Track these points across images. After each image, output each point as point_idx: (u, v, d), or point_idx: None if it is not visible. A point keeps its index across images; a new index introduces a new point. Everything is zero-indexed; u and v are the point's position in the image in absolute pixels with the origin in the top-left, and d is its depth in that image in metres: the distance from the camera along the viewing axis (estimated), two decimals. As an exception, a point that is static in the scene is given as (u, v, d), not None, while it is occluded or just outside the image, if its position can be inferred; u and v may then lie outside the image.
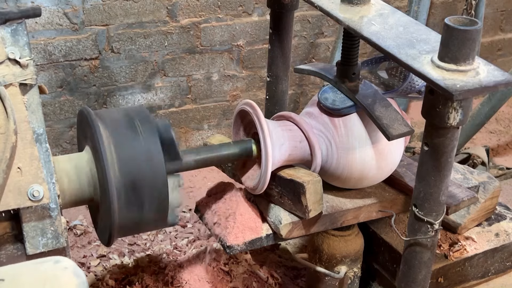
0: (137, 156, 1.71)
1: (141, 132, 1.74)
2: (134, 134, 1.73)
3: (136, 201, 1.71)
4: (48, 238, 1.63)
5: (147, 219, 1.76)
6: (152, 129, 1.75)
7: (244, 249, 2.04)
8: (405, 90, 2.04)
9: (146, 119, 1.77)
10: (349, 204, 2.09)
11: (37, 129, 1.62)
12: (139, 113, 1.80)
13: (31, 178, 1.54)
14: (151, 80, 3.35)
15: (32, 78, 1.61)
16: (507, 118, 4.15)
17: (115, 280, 2.64)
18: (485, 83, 1.56)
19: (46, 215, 1.60)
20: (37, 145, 1.60)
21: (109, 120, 1.75)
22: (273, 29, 2.32)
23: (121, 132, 1.72)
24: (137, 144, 1.71)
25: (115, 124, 1.74)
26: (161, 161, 1.73)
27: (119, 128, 1.73)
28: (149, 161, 1.71)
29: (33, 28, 2.99)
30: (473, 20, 1.60)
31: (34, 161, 1.55)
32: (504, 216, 2.50)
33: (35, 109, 1.62)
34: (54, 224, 1.62)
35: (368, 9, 1.93)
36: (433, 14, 3.91)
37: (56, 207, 1.62)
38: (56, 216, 1.62)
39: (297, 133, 2.01)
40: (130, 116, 1.78)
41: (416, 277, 1.89)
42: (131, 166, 1.69)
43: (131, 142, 1.71)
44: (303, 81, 3.75)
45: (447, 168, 1.72)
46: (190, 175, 3.42)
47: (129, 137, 1.72)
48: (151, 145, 1.73)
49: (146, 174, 1.70)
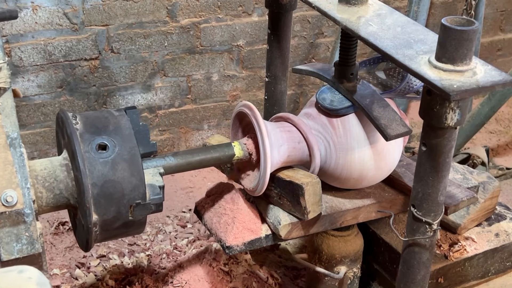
0: (114, 159, 1.69)
1: (116, 134, 1.73)
2: (110, 137, 1.72)
3: (113, 206, 1.69)
4: (23, 244, 1.59)
5: (126, 223, 1.74)
6: (127, 130, 1.74)
7: (244, 249, 2.04)
8: (403, 90, 2.04)
9: (120, 122, 1.76)
10: (348, 205, 2.09)
11: (11, 133, 1.60)
12: (115, 116, 1.79)
13: (5, 183, 1.51)
14: (151, 80, 3.35)
15: (5, 81, 1.58)
16: (507, 118, 4.15)
17: (115, 280, 2.65)
18: (482, 84, 1.56)
19: (20, 220, 1.56)
20: (11, 149, 1.58)
21: (87, 123, 1.74)
22: (272, 29, 2.32)
23: (97, 136, 1.71)
24: (113, 147, 1.70)
25: (92, 127, 1.73)
26: (138, 162, 1.72)
27: (96, 132, 1.72)
28: (125, 163, 1.70)
29: (33, 28, 2.99)
30: (470, 20, 1.60)
31: (8, 166, 1.53)
32: (504, 216, 2.50)
33: (9, 112, 1.60)
34: (29, 230, 1.58)
35: (366, 10, 1.93)
36: (433, 14, 3.90)
37: (31, 212, 1.58)
38: (31, 222, 1.58)
39: (295, 134, 2.01)
40: (107, 118, 1.77)
41: (415, 277, 1.89)
42: (108, 170, 1.68)
43: (107, 146, 1.70)
44: (303, 82, 3.74)
45: (445, 168, 1.71)
46: (190, 175, 3.42)
47: (105, 141, 1.70)
48: (127, 146, 1.72)
49: (123, 177, 1.69)
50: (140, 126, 1.81)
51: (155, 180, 1.78)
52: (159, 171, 1.83)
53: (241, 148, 1.98)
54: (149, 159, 1.86)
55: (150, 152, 1.84)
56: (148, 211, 1.75)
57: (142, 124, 1.82)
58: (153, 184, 1.76)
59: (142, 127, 1.82)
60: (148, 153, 1.83)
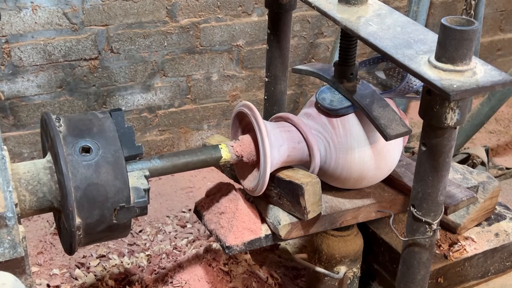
0: (98, 162, 1.68)
1: (100, 136, 1.71)
2: (94, 139, 1.70)
3: (97, 209, 1.67)
4: (5, 247, 1.56)
5: (111, 227, 1.72)
6: (111, 132, 1.73)
7: (243, 249, 2.04)
8: (403, 90, 2.04)
9: (104, 124, 1.75)
10: (348, 205, 2.09)
11: None
12: (99, 118, 1.77)
13: None
14: (150, 80, 3.35)
15: None
16: (507, 118, 4.15)
17: (115, 280, 2.65)
18: (482, 83, 1.56)
19: (2, 224, 1.54)
20: None
21: (71, 126, 1.72)
22: (271, 29, 2.32)
23: (81, 139, 1.69)
24: (97, 149, 1.69)
25: (76, 130, 1.71)
26: (122, 165, 1.70)
27: (79, 134, 1.70)
28: (109, 166, 1.68)
29: (33, 28, 2.99)
30: (470, 20, 1.60)
31: None
32: (504, 216, 2.50)
33: None
34: (12, 234, 1.56)
35: (366, 10, 1.93)
36: (432, 14, 3.90)
37: (13, 216, 1.55)
38: (14, 225, 1.56)
39: (295, 134, 2.01)
40: (91, 120, 1.76)
41: (415, 277, 1.89)
42: (91, 173, 1.66)
43: (90, 149, 1.68)
44: (303, 81, 3.74)
45: (445, 168, 1.71)
46: (190, 175, 3.42)
47: (88, 143, 1.69)
48: (111, 148, 1.70)
49: (107, 180, 1.67)
50: (126, 128, 1.80)
51: (140, 183, 1.76)
52: (144, 173, 1.81)
53: (228, 150, 1.97)
54: (135, 162, 1.84)
55: (136, 155, 1.82)
56: (133, 214, 1.72)
57: (128, 126, 1.80)
58: (137, 187, 1.74)
59: (127, 129, 1.80)
60: (134, 155, 1.81)
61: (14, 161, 3.20)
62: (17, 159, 3.23)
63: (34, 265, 2.79)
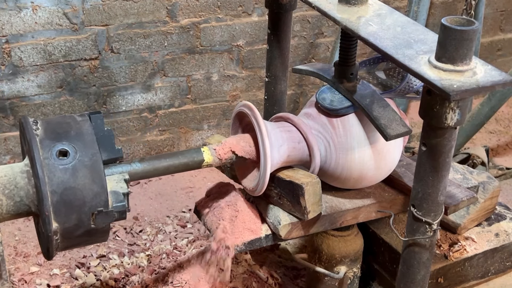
0: (75, 166, 1.65)
1: (78, 140, 1.69)
2: (72, 143, 1.68)
3: (74, 214, 1.65)
4: None
5: (89, 231, 1.70)
6: (89, 135, 1.71)
7: (243, 249, 2.04)
8: (403, 90, 2.04)
9: (82, 128, 1.73)
10: (348, 205, 2.09)
11: None
12: (78, 122, 1.75)
13: None
14: (151, 80, 3.35)
15: None
16: (507, 118, 4.15)
17: (115, 280, 2.65)
18: (482, 83, 1.56)
19: None
20: None
21: (48, 129, 1.70)
22: (272, 29, 2.32)
23: (58, 142, 1.67)
24: (74, 153, 1.67)
25: (53, 133, 1.69)
26: (100, 168, 1.67)
27: (56, 138, 1.68)
28: (87, 170, 1.66)
29: (33, 28, 2.99)
30: (470, 20, 1.60)
31: None
32: (504, 216, 2.50)
33: None
34: None
35: (366, 10, 1.93)
36: (432, 14, 3.90)
37: None
38: None
39: (295, 134, 2.01)
40: (69, 123, 1.73)
41: (415, 277, 1.89)
42: (68, 177, 1.64)
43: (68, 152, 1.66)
44: (303, 81, 3.75)
45: (445, 168, 1.71)
46: (190, 175, 3.42)
47: (66, 147, 1.67)
48: (88, 152, 1.68)
49: (84, 184, 1.65)
50: (105, 131, 1.77)
51: (119, 186, 1.73)
52: (124, 177, 1.78)
53: (211, 153, 1.95)
54: (114, 165, 1.81)
55: (115, 158, 1.79)
56: (111, 219, 1.69)
57: (107, 129, 1.78)
58: (116, 191, 1.71)
59: (107, 132, 1.77)
60: (113, 159, 1.79)
61: (15, 161, 3.20)
62: (17, 159, 3.24)
63: (34, 265, 2.79)
